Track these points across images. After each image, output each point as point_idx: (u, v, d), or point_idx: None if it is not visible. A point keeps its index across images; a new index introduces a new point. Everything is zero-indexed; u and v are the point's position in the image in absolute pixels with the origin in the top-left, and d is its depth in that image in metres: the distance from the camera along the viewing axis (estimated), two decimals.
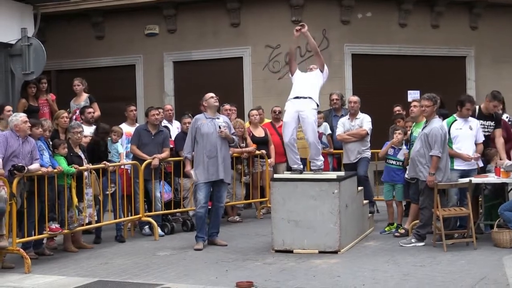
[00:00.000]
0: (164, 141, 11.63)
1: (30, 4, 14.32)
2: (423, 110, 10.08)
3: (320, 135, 12.52)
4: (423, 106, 10.02)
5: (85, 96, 13.05)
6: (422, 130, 10.01)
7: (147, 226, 11.43)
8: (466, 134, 10.33)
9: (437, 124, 9.85)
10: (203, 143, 10.20)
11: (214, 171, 10.15)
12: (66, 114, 11.16)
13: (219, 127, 10.20)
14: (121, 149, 11.45)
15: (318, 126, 11.62)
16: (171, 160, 11.70)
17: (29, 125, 9.54)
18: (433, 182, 9.65)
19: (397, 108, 12.70)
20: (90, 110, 12.17)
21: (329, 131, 12.77)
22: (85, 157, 10.39)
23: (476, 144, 10.39)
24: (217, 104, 10.52)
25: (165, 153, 11.54)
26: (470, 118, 10.46)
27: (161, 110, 12.18)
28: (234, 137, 10.55)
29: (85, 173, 10.19)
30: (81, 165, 10.16)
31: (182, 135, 11.74)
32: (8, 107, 11.14)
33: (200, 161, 10.20)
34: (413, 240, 9.95)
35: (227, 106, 12.97)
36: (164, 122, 12.48)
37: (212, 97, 10.41)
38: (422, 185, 9.87)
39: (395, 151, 11.03)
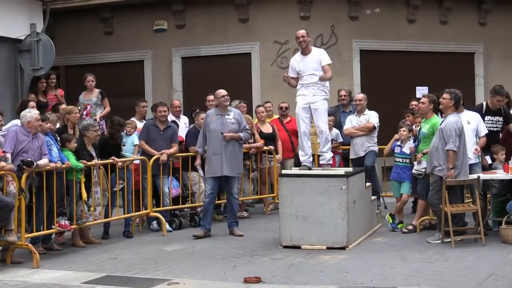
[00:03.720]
0: (173, 136, 11.66)
1: (39, 0, 14.34)
2: (440, 102, 10.07)
3: None
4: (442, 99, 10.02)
5: (96, 91, 13.09)
6: (440, 125, 9.96)
7: (155, 221, 11.45)
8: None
9: (452, 119, 9.80)
10: (210, 140, 10.62)
11: (218, 168, 10.54)
12: (77, 110, 11.16)
13: (221, 133, 10.48)
14: (136, 141, 11.47)
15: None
16: (179, 156, 11.72)
17: (41, 123, 9.58)
18: (452, 177, 9.60)
19: (414, 102, 12.56)
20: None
21: (340, 139, 12.68)
22: (96, 155, 10.40)
23: (479, 138, 10.37)
24: (226, 104, 10.78)
25: (174, 149, 11.57)
26: (469, 113, 10.45)
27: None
28: (242, 134, 10.74)
29: (94, 172, 10.21)
30: None
31: (194, 130, 11.84)
32: (32, 103, 11.26)
33: (209, 156, 10.69)
34: (440, 236, 9.87)
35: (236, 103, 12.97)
36: (172, 117, 12.47)
37: (223, 96, 10.71)
38: (434, 179, 9.84)
39: (401, 148, 10.98)
